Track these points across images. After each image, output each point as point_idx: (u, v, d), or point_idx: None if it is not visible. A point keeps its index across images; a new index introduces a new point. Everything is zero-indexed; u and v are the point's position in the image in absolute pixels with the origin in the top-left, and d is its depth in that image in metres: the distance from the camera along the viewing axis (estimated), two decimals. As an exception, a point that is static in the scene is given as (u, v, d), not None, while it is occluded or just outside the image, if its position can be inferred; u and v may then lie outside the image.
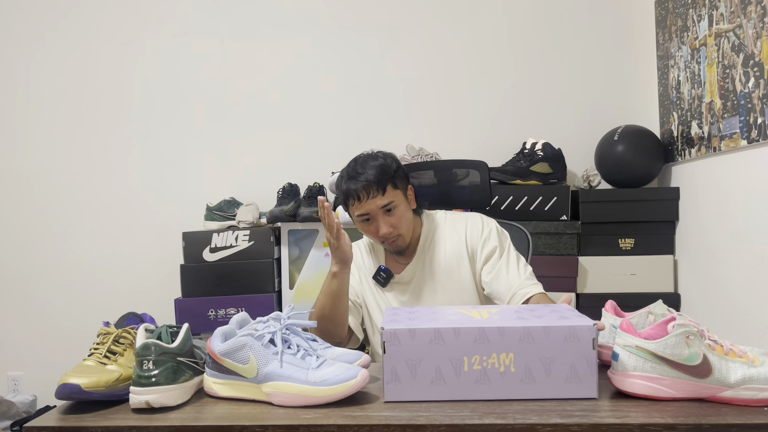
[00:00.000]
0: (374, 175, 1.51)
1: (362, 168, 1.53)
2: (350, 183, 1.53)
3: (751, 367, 0.94)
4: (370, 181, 1.50)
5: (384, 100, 2.64)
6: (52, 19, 2.74)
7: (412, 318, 1.08)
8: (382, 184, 1.51)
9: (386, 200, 1.51)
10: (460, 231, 1.61)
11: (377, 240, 1.56)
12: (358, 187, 1.51)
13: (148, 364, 0.98)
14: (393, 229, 1.52)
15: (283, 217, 2.40)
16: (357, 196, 1.51)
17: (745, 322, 1.81)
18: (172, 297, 2.48)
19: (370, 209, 1.51)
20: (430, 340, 1.00)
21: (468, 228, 1.61)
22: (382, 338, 1.00)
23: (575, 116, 2.58)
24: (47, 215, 2.75)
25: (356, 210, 1.53)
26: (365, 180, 1.50)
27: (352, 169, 1.56)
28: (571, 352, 0.99)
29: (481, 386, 1.00)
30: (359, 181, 1.51)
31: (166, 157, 2.72)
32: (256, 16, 2.69)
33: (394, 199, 1.52)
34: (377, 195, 1.50)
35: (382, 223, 1.51)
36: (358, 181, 1.51)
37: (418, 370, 1.00)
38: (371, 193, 1.50)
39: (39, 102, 2.76)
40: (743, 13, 1.74)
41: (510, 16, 2.61)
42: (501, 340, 1.00)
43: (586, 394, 0.99)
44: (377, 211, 1.51)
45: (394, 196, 1.53)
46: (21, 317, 2.77)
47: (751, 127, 1.71)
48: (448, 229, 1.63)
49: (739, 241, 1.83)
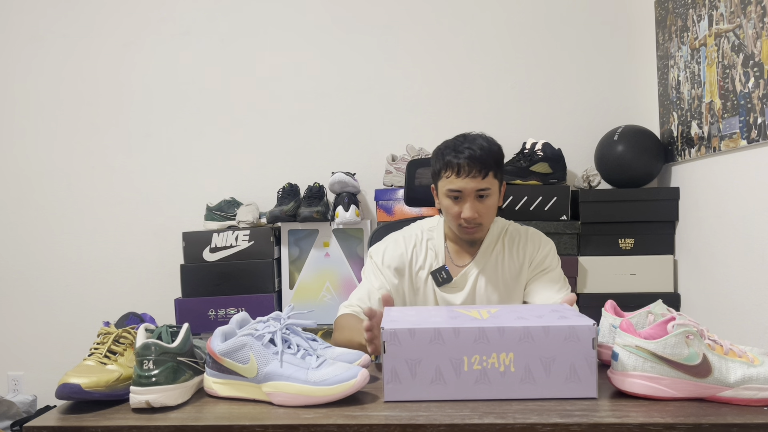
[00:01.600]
0: (481, 155, 1.44)
1: (470, 144, 1.46)
2: (453, 155, 1.45)
3: (751, 366, 0.94)
4: (476, 158, 1.43)
5: (384, 100, 2.65)
6: (53, 19, 2.74)
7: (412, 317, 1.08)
8: (486, 167, 1.44)
9: (484, 185, 1.45)
10: (521, 244, 1.60)
11: (455, 221, 1.49)
12: (461, 160, 1.43)
13: (148, 364, 0.98)
14: (478, 216, 1.46)
15: (283, 217, 2.40)
16: (457, 169, 1.44)
17: (745, 322, 1.81)
18: (172, 297, 2.48)
19: (465, 188, 1.45)
20: (430, 339, 1.00)
21: (529, 242, 1.60)
22: (382, 338, 1.00)
23: (575, 116, 2.58)
24: (47, 215, 2.76)
25: (449, 184, 1.46)
26: (470, 156, 1.43)
27: (459, 142, 1.48)
28: (570, 352, 0.99)
29: (481, 386, 1.00)
30: (464, 155, 1.44)
31: (166, 157, 2.72)
32: (256, 16, 2.69)
33: (490, 187, 1.47)
34: (478, 176, 1.44)
35: (471, 206, 1.45)
36: (462, 154, 1.44)
37: (417, 370, 1.00)
38: (473, 171, 1.44)
39: (39, 102, 2.76)
40: (743, 13, 1.74)
41: (510, 16, 2.61)
42: (501, 340, 1.00)
43: (585, 393, 1.00)
44: (471, 192, 1.45)
45: (491, 185, 1.47)
46: (21, 317, 2.77)
47: (751, 127, 1.71)
48: (508, 240, 1.61)
49: (739, 241, 1.83)
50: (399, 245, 1.62)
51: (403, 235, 1.64)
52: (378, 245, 1.65)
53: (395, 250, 1.61)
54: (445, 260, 1.59)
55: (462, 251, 1.61)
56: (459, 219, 1.48)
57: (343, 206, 2.37)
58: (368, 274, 1.62)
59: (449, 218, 1.52)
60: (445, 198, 1.50)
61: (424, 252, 1.60)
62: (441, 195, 1.52)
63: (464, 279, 1.58)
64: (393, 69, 2.65)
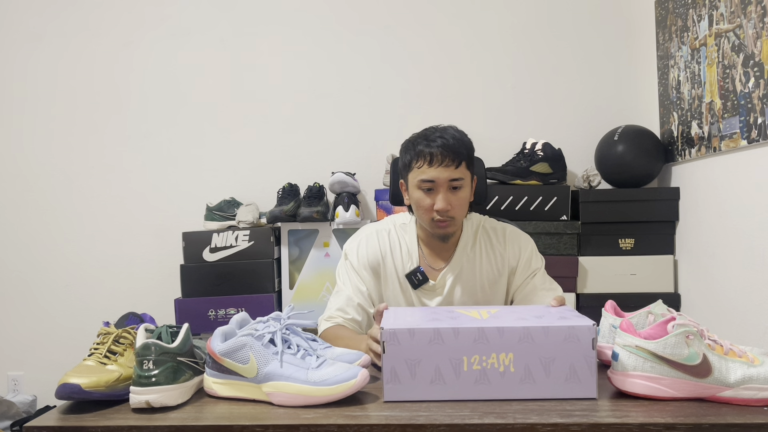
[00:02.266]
0: (454, 144, 1.41)
1: (442, 133, 1.43)
2: (425, 144, 1.41)
3: (751, 366, 0.94)
4: (449, 147, 1.40)
5: (384, 100, 2.65)
6: (52, 18, 2.74)
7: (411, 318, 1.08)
8: (458, 156, 1.41)
9: (457, 174, 1.41)
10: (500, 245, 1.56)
11: (427, 215, 1.44)
12: (434, 149, 1.40)
13: (148, 364, 0.98)
14: (451, 209, 1.41)
15: (283, 217, 2.39)
16: (430, 158, 1.40)
17: (745, 322, 1.81)
18: (172, 297, 2.48)
19: (438, 177, 1.40)
20: (430, 339, 1.00)
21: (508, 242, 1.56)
22: (382, 338, 1.00)
23: (575, 116, 2.58)
24: (47, 215, 2.75)
25: (421, 174, 1.41)
26: (443, 144, 1.40)
27: (430, 132, 1.45)
28: (570, 353, 0.99)
29: (481, 386, 1.00)
30: (436, 143, 1.40)
31: (166, 157, 2.72)
32: (257, 16, 2.69)
33: (464, 177, 1.43)
34: (451, 165, 1.40)
35: (443, 197, 1.40)
36: (435, 143, 1.40)
37: (417, 370, 1.00)
38: (446, 160, 1.39)
39: (39, 102, 2.75)
40: (743, 13, 1.74)
41: (510, 16, 2.61)
42: (500, 340, 1.00)
43: (585, 394, 1.00)
44: (444, 182, 1.41)
45: (464, 175, 1.43)
46: (21, 317, 2.77)
47: (751, 127, 1.71)
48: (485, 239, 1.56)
49: (739, 241, 1.83)
50: (372, 242, 1.56)
51: (376, 229, 1.58)
52: (352, 241, 1.59)
53: (369, 247, 1.55)
54: (419, 263, 1.53)
55: (436, 254, 1.54)
56: (431, 212, 1.43)
57: (343, 206, 2.37)
58: (344, 276, 1.56)
59: (420, 213, 1.46)
60: (416, 191, 1.44)
61: (398, 249, 1.55)
62: (411, 188, 1.46)
63: (442, 283, 1.53)
64: (393, 69, 2.65)
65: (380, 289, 1.55)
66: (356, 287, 1.53)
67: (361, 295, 1.52)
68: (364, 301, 1.52)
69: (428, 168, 1.41)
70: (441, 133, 1.44)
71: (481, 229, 1.58)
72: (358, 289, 1.53)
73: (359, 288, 1.53)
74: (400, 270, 1.54)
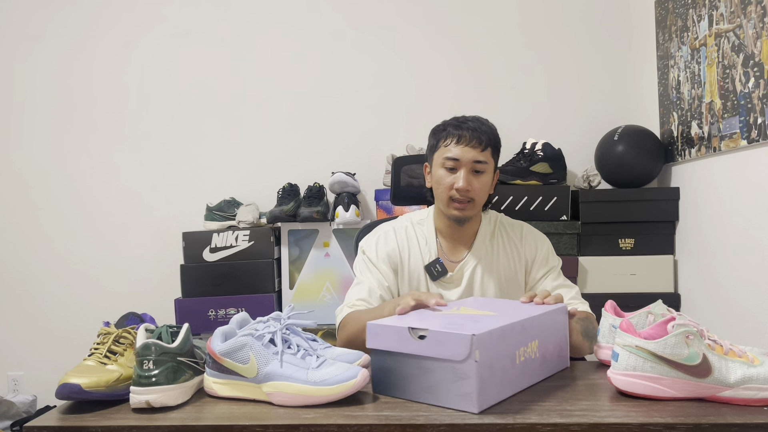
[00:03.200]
0: (484, 129, 1.46)
1: (475, 121, 1.48)
2: (456, 126, 1.47)
3: (751, 366, 0.94)
4: (478, 130, 1.45)
5: (384, 100, 2.65)
6: (52, 18, 2.74)
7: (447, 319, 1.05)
8: (486, 140, 1.45)
9: (482, 157, 1.44)
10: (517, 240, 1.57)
11: (446, 193, 1.46)
12: (463, 131, 1.44)
13: (148, 364, 0.98)
14: (471, 190, 1.44)
15: (283, 217, 2.39)
16: (458, 137, 1.44)
17: (745, 322, 1.81)
18: (172, 297, 2.48)
19: (463, 156, 1.44)
20: (500, 337, 0.97)
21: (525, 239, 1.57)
22: (474, 346, 0.91)
23: (575, 116, 2.58)
24: (47, 216, 2.75)
25: (447, 152, 1.45)
26: (474, 128, 1.45)
27: (462, 117, 1.50)
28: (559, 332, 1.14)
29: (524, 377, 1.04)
30: (467, 125, 1.45)
31: (165, 157, 2.72)
32: (256, 16, 2.69)
33: (488, 162, 1.46)
34: (477, 147, 1.44)
35: (465, 177, 1.43)
36: (465, 124, 1.46)
37: (494, 371, 0.96)
38: (473, 141, 1.44)
39: (38, 102, 2.75)
40: (743, 13, 1.74)
41: (510, 17, 2.61)
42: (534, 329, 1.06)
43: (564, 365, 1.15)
44: (468, 163, 1.44)
45: (488, 160, 1.47)
46: (21, 317, 2.77)
47: (751, 127, 1.71)
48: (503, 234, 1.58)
49: (739, 241, 1.83)
50: (390, 238, 1.56)
51: (393, 227, 1.59)
52: (368, 239, 1.59)
53: (387, 243, 1.55)
54: (438, 254, 1.55)
55: (455, 246, 1.55)
56: (451, 190, 1.45)
57: (343, 206, 2.37)
58: (363, 270, 1.54)
59: (440, 191, 1.48)
60: (439, 169, 1.47)
61: (416, 244, 1.56)
62: (435, 167, 1.49)
63: (460, 274, 1.53)
64: (393, 69, 2.65)
65: (398, 284, 1.54)
66: (378, 280, 1.52)
67: (383, 289, 1.51)
68: (386, 293, 1.51)
69: (455, 146, 1.45)
70: (473, 119, 1.49)
71: (498, 224, 1.60)
72: (380, 282, 1.51)
73: (381, 281, 1.52)
74: (419, 264, 1.54)
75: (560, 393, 1.01)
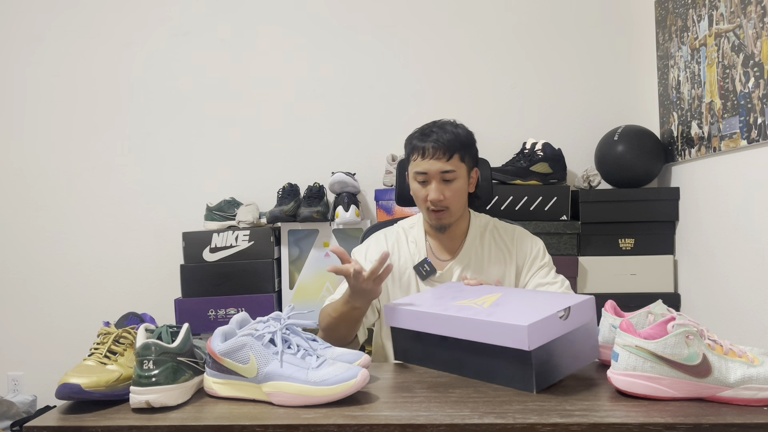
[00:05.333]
0: (447, 139, 1.48)
1: (438, 129, 1.50)
2: (420, 139, 1.50)
3: (751, 366, 0.94)
4: (441, 142, 1.47)
5: (384, 100, 2.65)
6: (53, 19, 2.74)
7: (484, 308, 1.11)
8: (450, 150, 1.48)
9: (448, 167, 1.47)
10: (509, 242, 1.59)
11: (423, 205, 1.52)
12: (427, 144, 1.48)
13: (148, 364, 0.98)
14: (443, 199, 1.48)
15: (283, 217, 2.40)
16: (422, 151, 1.48)
17: (745, 322, 1.81)
18: (172, 297, 2.48)
19: (429, 169, 1.48)
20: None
21: (517, 241, 1.59)
22: (530, 335, 0.98)
23: (575, 116, 2.58)
24: (47, 216, 2.75)
25: (416, 166, 1.50)
26: (436, 139, 1.48)
27: (427, 127, 1.53)
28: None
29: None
30: (430, 138, 1.48)
31: (166, 157, 2.72)
32: (256, 16, 2.69)
33: (456, 170, 1.49)
34: (442, 158, 1.47)
35: (436, 188, 1.48)
36: (429, 138, 1.49)
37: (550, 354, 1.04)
38: (437, 153, 1.47)
39: (39, 102, 2.76)
40: (743, 13, 1.74)
41: (510, 17, 2.61)
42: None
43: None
44: (435, 174, 1.48)
45: (457, 167, 1.49)
46: (21, 317, 2.77)
47: (751, 127, 1.71)
48: (495, 236, 1.60)
49: (739, 241, 1.83)
50: (380, 243, 1.62)
51: (384, 233, 1.65)
52: (360, 247, 1.65)
53: (377, 247, 1.60)
54: (427, 255, 1.59)
55: (444, 248, 1.58)
56: (426, 202, 1.50)
57: (343, 206, 2.37)
58: None
59: (419, 203, 1.54)
60: (413, 182, 1.53)
61: (406, 246, 1.60)
62: (410, 180, 1.54)
63: (449, 273, 1.56)
64: (393, 69, 2.65)
65: (390, 286, 1.58)
66: None
67: None
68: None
69: (421, 161, 1.49)
70: (437, 128, 1.51)
71: (491, 227, 1.63)
72: None
73: None
74: (409, 265, 1.58)
75: (560, 393, 1.01)
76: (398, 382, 1.12)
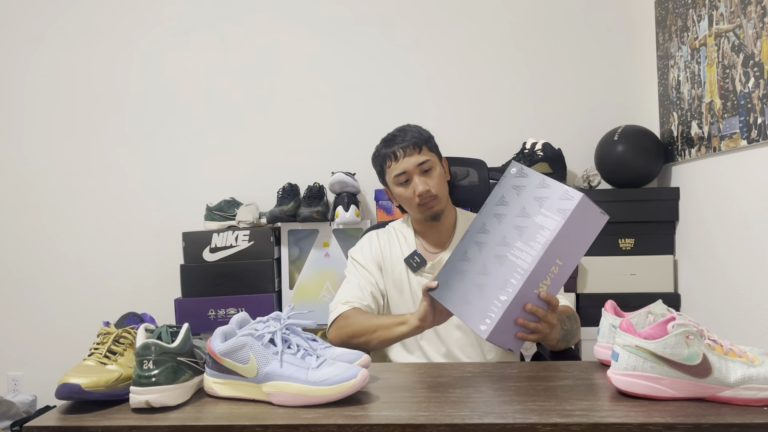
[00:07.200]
0: (411, 136, 1.56)
1: (399, 132, 1.59)
2: (387, 146, 1.57)
3: (751, 366, 0.94)
4: (407, 140, 1.55)
5: (384, 100, 2.64)
6: (52, 19, 2.74)
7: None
8: (418, 143, 1.55)
9: (423, 158, 1.54)
10: None
11: (412, 203, 1.56)
12: (395, 147, 1.55)
13: (148, 364, 0.98)
14: (429, 188, 1.53)
15: (283, 217, 2.40)
16: (394, 155, 1.55)
17: (745, 322, 1.81)
18: (172, 297, 2.48)
19: (407, 167, 1.53)
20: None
21: None
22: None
23: (575, 116, 2.58)
24: (47, 215, 2.75)
25: (393, 170, 1.55)
26: (402, 141, 1.55)
27: (389, 136, 1.60)
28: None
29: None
30: (396, 141, 1.56)
31: (165, 157, 2.72)
32: (256, 16, 2.69)
33: (430, 158, 1.55)
34: (414, 153, 1.54)
35: (419, 181, 1.53)
36: (394, 142, 1.56)
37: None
38: (408, 151, 1.54)
39: (39, 102, 2.76)
40: (743, 13, 1.74)
41: (510, 17, 2.61)
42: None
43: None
44: (414, 169, 1.53)
45: (430, 156, 1.56)
46: (21, 317, 2.77)
47: (751, 127, 1.71)
48: None
49: (739, 241, 1.83)
50: (374, 241, 1.67)
51: (377, 233, 1.71)
52: (355, 248, 1.70)
53: (371, 245, 1.66)
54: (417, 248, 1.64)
55: (434, 242, 1.63)
56: (414, 198, 1.54)
57: (343, 206, 2.37)
58: (352, 271, 1.66)
59: (408, 205, 1.58)
60: (396, 188, 1.57)
61: (397, 242, 1.66)
62: (393, 187, 1.59)
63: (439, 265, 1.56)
64: (393, 69, 2.65)
65: (386, 283, 1.63)
66: (366, 278, 1.62)
67: (371, 285, 1.61)
68: (374, 290, 1.61)
69: (397, 163, 1.55)
70: (397, 132, 1.60)
71: None
72: (368, 279, 1.61)
73: (369, 279, 1.62)
74: (400, 258, 1.63)
75: (560, 393, 1.01)
76: (398, 382, 1.13)
